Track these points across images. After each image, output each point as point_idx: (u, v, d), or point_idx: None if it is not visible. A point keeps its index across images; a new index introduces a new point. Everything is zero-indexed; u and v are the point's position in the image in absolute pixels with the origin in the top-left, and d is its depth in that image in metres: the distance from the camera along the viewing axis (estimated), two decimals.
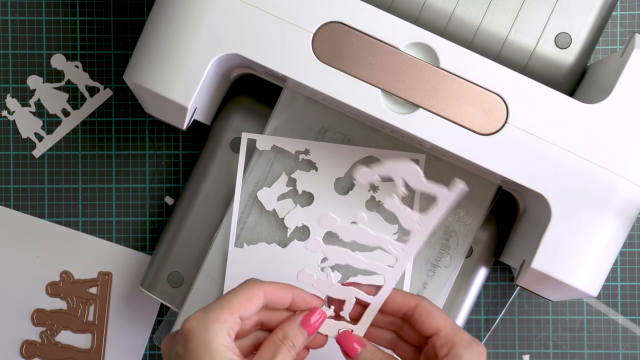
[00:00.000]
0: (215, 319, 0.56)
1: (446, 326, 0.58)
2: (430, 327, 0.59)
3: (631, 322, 0.78)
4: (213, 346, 0.55)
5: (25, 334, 0.78)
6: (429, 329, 0.59)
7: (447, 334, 0.58)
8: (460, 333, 0.58)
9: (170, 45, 0.63)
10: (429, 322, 0.59)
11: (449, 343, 0.57)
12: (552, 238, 0.62)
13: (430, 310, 0.59)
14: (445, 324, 0.58)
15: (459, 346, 0.57)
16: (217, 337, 0.55)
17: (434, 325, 0.58)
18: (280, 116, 0.71)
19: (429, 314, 0.59)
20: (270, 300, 0.59)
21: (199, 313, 0.56)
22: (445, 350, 0.57)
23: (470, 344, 0.57)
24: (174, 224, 0.74)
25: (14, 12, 0.78)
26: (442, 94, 0.63)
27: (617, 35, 0.77)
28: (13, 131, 0.78)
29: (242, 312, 0.57)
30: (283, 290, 0.59)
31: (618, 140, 0.62)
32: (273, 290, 0.58)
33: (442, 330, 0.58)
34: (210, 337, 0.55)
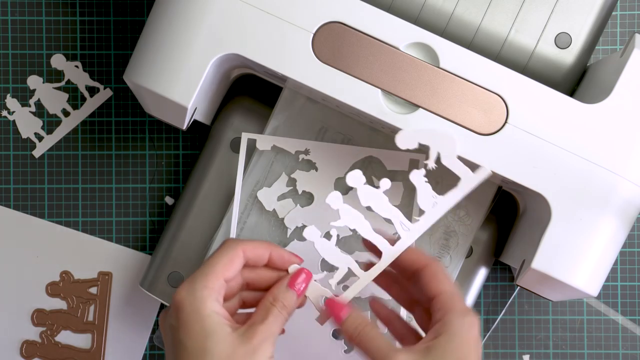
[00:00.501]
0: (202, 286, 0.58)
1: (446, 292, 0.59)
2: (432, 290, 0.59)
3: (631, 322, 0.78)
4: (203, 313, 0.57)
5: (25, 334, 0.78)
6: (430, 291, 0.60)
7: (445, 299, 0.59)
8: (457, 301, 0.59)
9: (170, 45, 0.63)
10: (432, 284, 0.60)
11: (444, 308, 0.58)
12: (552, 238, 0.62)
13: (436, 274, 0.60)
14: (446, 290, 0.59)
15: (452, 314, 0.58)
16: (206, 304, 0.57)
17: (435, 288, 0.59)
18: (280, 116, 0.71)
19: (434, 276, 0.60)
20: (249, 258, 0.61)
21: (185, 283, 0.58)
22: (439, 315, 0.58)
23: (463, 313, 0.58)
24: (174, 224, 0.74)
25: (14, 12, 0.78)
26: (442, 94, 0.63)
27: (617, 35, 0.77)
28: (13, 131, 0.78)
29: (226, 275, 0.59)
30: (261, 248, 0.61)
31: (618, 140, 0.62)
32: (251, 247, 0.61)
33: (442, 295, 0.59)
34: (200, 305, 0.57)
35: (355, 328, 0.59)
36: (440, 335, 0.57)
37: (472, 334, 0.57)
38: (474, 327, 0.58)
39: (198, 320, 0.57)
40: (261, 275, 0.62)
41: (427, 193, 0.61)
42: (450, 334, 0.57)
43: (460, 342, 0.57)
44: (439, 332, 0.57)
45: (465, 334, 0.57)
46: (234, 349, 0.56)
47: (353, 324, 0.60)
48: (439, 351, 0.56)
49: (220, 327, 0.57)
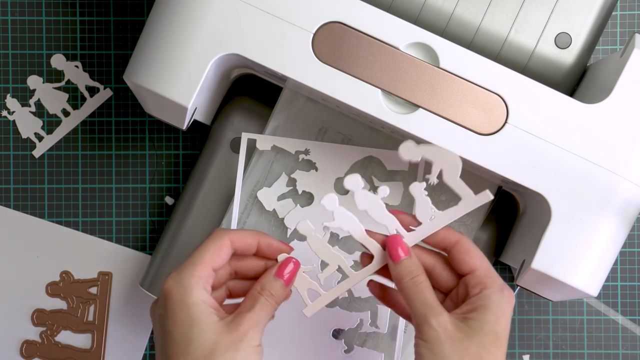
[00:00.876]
0: (189, 275, 0.58)
1: (482, 267, 0.60)
2: (468, 265, 0.60)
3: (631, 322, 0.78)
4: (190, 302, 0.57)
5: (25, 334, 0.78)
6: (465, 267, 0.60)
7: (482, 274, 0.59)
8: (494, 276, 0.59)
9: (170, 45, 0.63)
10: (467, 260, 0.60)
11: (482, 283, 0.59)
12: (552, 238, 0.62)
13: (469, 249, 0.60)
14: (482, 265, 0.60)
15: (491, 288, 0.58)
16: (193, 292, 0.57)
17: (471, 263, 0.60)
18: (280, 116, 0.71)
19: (468, 251, 0.60)
20: (237, 247, 0.61)
21: (174, 273, 0.59)
22: (477, 290, 0.59)
23: (502, 288, 0.59)
24: (174, 224, 0.74)
25: (14, 12, 0.78)
26: (442, 94, 0.63)
27: (617, 35, 0.77)
28: (13, 131, 0.78)
29: (213, 264, 0.59)
30: (249, 237, 0.61)
31: (618, 140, 0.62)
32: (239, 237, 0.61)
33: (478, 270, 0.59)
34: (186, 294, 0.57)
35: (410, 272, 0.59)
36: (479, 308, 0.58)
37: (509, 309, 0.59)
38: (510, 302, 0.59)
39: (184, 308, 0.57)
40: (249, 264, 0.62)
41: (426, 206, 0.61)
42: (490, 308, 0.58)
43: (498, 316, 0.58)
44: (478, 305, 0.58)
45: (503, 308, 0.58)
46: (219, 337, 0.56)
47: (409, 267, 0.60)
48: (478, 323, 0.57)
49: (207, 316, 0.57)
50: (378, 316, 0.71)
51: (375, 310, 0.71)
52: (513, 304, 0.59)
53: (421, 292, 0.59)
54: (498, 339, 0.57)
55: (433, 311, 0.57)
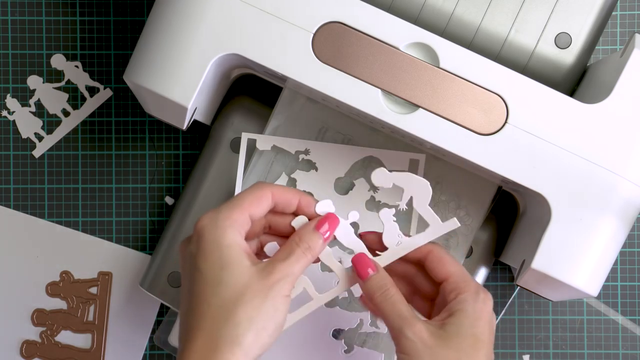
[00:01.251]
0: (226, 217, 0.57)
1: (456, 273, 0.60)
2: (441, 273, 0.60)
3: (631, 322, 0.78)
4: (224, 243, 0.56)
5: (25, 334, 0.78)
6: (440, 275, 0.60)
7: (456, 280, 0.60)
8: (468, 280, 0.60)
9: (170, 45, 0.63)
10: (440, 268, 0.60)
11: (457, 289, 0.59)
12: (552, 238, 0.62)
13: (442, 257, 0.61)
14: (456, 271, 0.60)
15: (467, 292, 0.59)
16: (227, 234, 0.57)
17: (444, 271, 0.60)
18: (280, 116, 0.71)
19: (440, 260, 0.61)
20: (278, 202, 0.60)
21: (210, 212, 0.58)
22: (453, 295, 0.59)
23: (477, 291, 0.59)
24: (174, 224, 0.74)
25: (14, 12, 0.78)
26: (442, 94, 0.63)
27: (617, 35, 0.77)
28: (13, 131, 0.78)
29: (251, 212, 0.58)
30: (291, 193, 0.61)
31: (618, 140, 0.62)
32: (281, 192, 0.60)
33: (452, 276, 0.60)
34: (221, 234, 0.56)
35: (380, 287, 0.59)
36: (455, 313, 0.58)
37: (486, 311, 0.59)
38: (487, 303, 0.59)
39: (217, 249, 0.56)
40: (286, 220, 0.61)
41: (393, 232, 0.62)
42: (465, 311, 0.58)
43: (474, 319, 0.58)
44: (454, 310, 0.58)
45: (479, 311, 0.58)
46: (250, 282, 0.56)
47: (378, 283, 0.60)
48: (455, 326, 0.57)
49: (239, 259, 0.56)
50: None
51: None
52: (491, 305, 0.59)
53: (393, 305, 0.59)
54: (478, 341, 0.57)
55: (407, 322, 0.58)
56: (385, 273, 0.60)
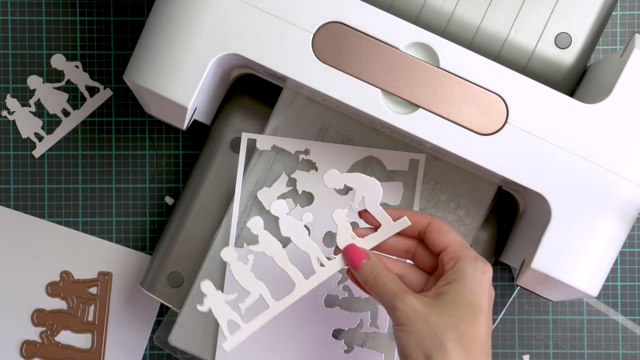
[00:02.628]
0: None
1: (455, 243, 0.60)
2: (440, 243, 0.60)
3: (631, 322, 0.78)
4: None
5: (25, 334, 0.78)
6: (439, 245, 0.61)
7: (455, 249, 0.60)
8: (467, 250, 0.60)
9: (170, 45, 0.63)
10: (439, 238, 0.61)
11: (455, 257, 0.59)
12: (552, 238, 0.62)
13: (441, 228, 0.61)
14: (455, 241, 0.60)
15: (464, 260, 0.59)
16: None
17: (443, 241, 0.60)
18: (280, 116, 0.71)
19: (440, 230, 0.61)
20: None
21: None
22: (450, 264, 0.59)
23: (475, 260, 0.59)
24: (174, 224, 0.74)
25: (14, 12, 0.78)
26: (442, 94, 0.63)
27: (617, 35, 0.77)
28: (13, 131, 0.78)
29: None
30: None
31: (618, 140, 0.62)
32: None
33: (451, 246, 0.60)
34: None
35: (372, 272, 0.60)
36: (453, 280, 0.58)
37: (485, 280, 0.58)
38: (486, 273, 0.59)
39: None
40: None
41: (346, 233, 0.62)
42: (462, 278, 0.58)
43: (472, 287, 0.58)
44: (451, 278, 0.58)
45: (477, 279, 0.58)
46: None
47: (370, 268, 0.60)
48: (451, 295, 0.57)
49: None
50: (378, 316, 0.71)
51: (375, 310, 0.71)
52: (489, 275, 0.59)
53: (384, 285, 0.59)
54: (475, 309, 0.57)
55: (397, 296, 0.58)
56: (375, 258, 0.61)
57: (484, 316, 0.57)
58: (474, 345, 0.56)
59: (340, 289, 0.71)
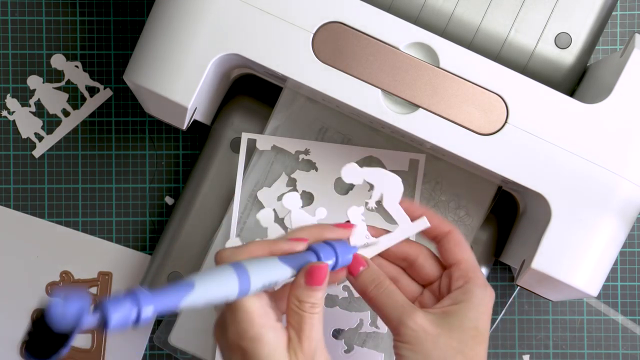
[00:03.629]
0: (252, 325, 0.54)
1: (469, 261, 0.59)
2: (455, 256, 0.59)
3: (631, 322, 0.78)
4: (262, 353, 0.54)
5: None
6: (452, 258, 0.59)
7: (467, 268, 0.59)
8: (479, 272, 0.59)
9: (170, 45, 0.63)
10: (456, 251, 0.59)
11: (465, 277, 0.58)
12: (552, 238, 0.62)
13: (460, 241, 0.60)
14: (469, 259, 0.59)
15: (475, 283, 0.58)
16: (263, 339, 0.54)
17: (459, 256, 0.59)
18: (280, 116, 0.71)
19: (458, 243, 0.60)
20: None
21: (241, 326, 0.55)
22: (460, 282, 0.58)
23: (485, 285, 0.58)
24: (174, 224, 0.74)
25: (14, 12, 0.78)
26: (442, 94, 0.63)
27: (617, 35, 0.77)
28: (13, 131, 0.78)
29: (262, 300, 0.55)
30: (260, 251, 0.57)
31: (618, 140, 0.62)
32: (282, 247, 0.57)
33: (464, 263, 0.59)
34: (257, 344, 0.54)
35: (372, 281, 0.58)
36: (461, 302, 0.57)
37: (490, 306, 0.58)
38: (492, 299, 0.59)
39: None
40: None
41: (361, 232, 0.60)
42: (472, 303, 0.57)
43: (479, 313, 0.57)
44: (459, 300, 0.57)
45: (485, 305, 0.58)
46: None
47: (370, 277, 0.59)
48: (459, 318, 0.57)
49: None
50: (378, 316, 0.71)
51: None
52: (493, 301, 0.59)
53: (389, 297, 0.58)
54: (479, 335, 0.57)
55: (406, 312, 0.57)
56: (375, 267, 0.59)
57: (486, 343, 0.58)
58: None
59: (340, 289, 0.71)
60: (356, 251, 0.58)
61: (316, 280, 0.56)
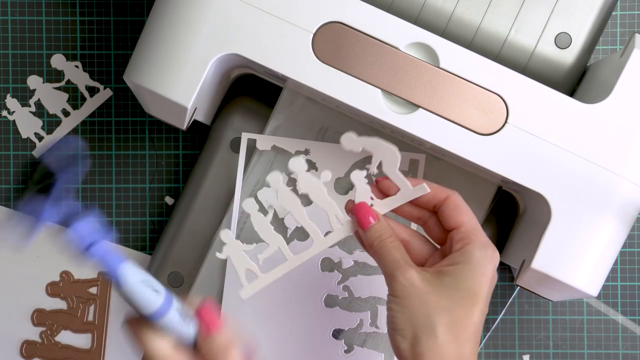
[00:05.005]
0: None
1: (469, 223, 0.59)
2: (454, 220, 0.59)
3: (631, 322, 0.78)
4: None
5: (25, 334, 0.78)
6: (452, 222, 0.59)
7: (467, 230, 0.58)
8: (479, 233, 0.58)
9: (170, 45, 0.63)
10: (454, 215, 0.59)
11: (465, 239, 0.58)
12: (552, 238, 0.62)
13: (459, 205, 0.60)
14: (469, 222, 0.59)
15: (474, 245, 0.57)
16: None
17: (458, 219, 0.59)
18: (280, 116, 0.71)
19: (456, 207, 0.59)
20: None
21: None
22: (459, 245, 0.58)
23: (485, 246, 0.58)
24: (174, 224, 0.74)
25: (14, 12, 0.78)
26: (442, 94, 0.63)
27: (617, 35, 0.77)
28: (13, 131, 0.78)
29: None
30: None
31: (618, 140, 0.62)
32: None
33: (463, 225, 0.59)
34: None
35: (379, 236, 0.59)
36: (458, 263, 0.57)
37: (490, 268, 0.57)
38: (493, 261, 0.57)
39: None
40: None
41: (365, 194, 0.61)
42: (469, 263, 0.57)
43: (476, 273, 0.56)
44: (457, 260, 0.57)
45: (483, 266, 0.57)
46: None
47: (378, 231, 0.59)
48: (453, 277, 0.56)
49: None
50: (378, 316, 0.71)
51: (375, 310, 0.71)
52: (496, 263, 0.58)
53: (388, 252, 0.58)
54: (474, 296, 0.56)
55: (400, 267, 0.57)
56: (384, 222, 0.60)
57: (481, 304, 0.56)
58: (465, 332, 0.55)
59: (340, 289, 0.71)
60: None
61: (209, 325, 0.56)
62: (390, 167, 0.61)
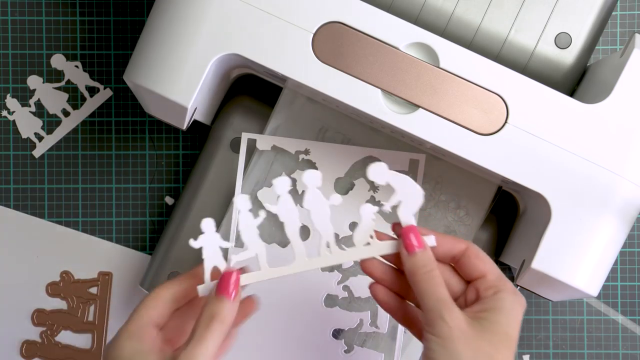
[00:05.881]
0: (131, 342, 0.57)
1: (494, 272, 0.59)
2: (479, 269, 0.59)
3: (631, 322, 0.78)
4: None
5: (25, 334, 0.78)
6: (477, 272, 0.59)
7: (494, 279, 0.59)
8: (507, 281, 0.59)
9: (170, 45, 0.63)
10: (478, 264, 0.59)
11: (495, 287, 0.58)
12: (552, 238, 0.62)
13: (479, 254, 0.60)
14: (493, 270, 0.59)
15: (505, 291, 0.58)
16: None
17: (482, 268, 0.59)
18: (280, 116, 0.71)
19: (478, 256, 0.60)
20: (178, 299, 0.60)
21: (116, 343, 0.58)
22: (490, 292, 0.58)
23: (515, 292, 0.58)
24: (174, 224, 0.74)
25: (14, 12, 0.78)
26: (442, 94, 0.63)
27: (617, 35, 0.77)
28: (13, 131, 0.78)
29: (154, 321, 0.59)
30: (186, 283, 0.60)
31: (618, 140, 0.62)
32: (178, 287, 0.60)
33: (489, 274, 0.59)
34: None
35: (425, 265, 0.58)
36: (491, 309, 0.57)
37: (520, 313, 0.58)
38: (522, 306, 0.59)
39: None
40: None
41: (367, 230, 0.59)
42: (504, 309, 0.57)
43: (510, 319, 0.57)
44: (491, 306, 0.57)
45: (515, 311, 0.58)
46: None
47: (425, 260, 0.58)
48: (491, 323, 0.57)
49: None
50: (378, 316, 0.71)
51: (375, 310, 0.71)
52: (524, 308, 0.59)
53: (435, 287, 0.58)
54: (509, 340, 0.57)
55: (447, 307, 0.57)
56: (431, 253, 0.59)
57: (514, 349, 0.58)
58: None
59: (340, 289, 0.71)
60: None
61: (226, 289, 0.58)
62: (408, 209, 0.59)
